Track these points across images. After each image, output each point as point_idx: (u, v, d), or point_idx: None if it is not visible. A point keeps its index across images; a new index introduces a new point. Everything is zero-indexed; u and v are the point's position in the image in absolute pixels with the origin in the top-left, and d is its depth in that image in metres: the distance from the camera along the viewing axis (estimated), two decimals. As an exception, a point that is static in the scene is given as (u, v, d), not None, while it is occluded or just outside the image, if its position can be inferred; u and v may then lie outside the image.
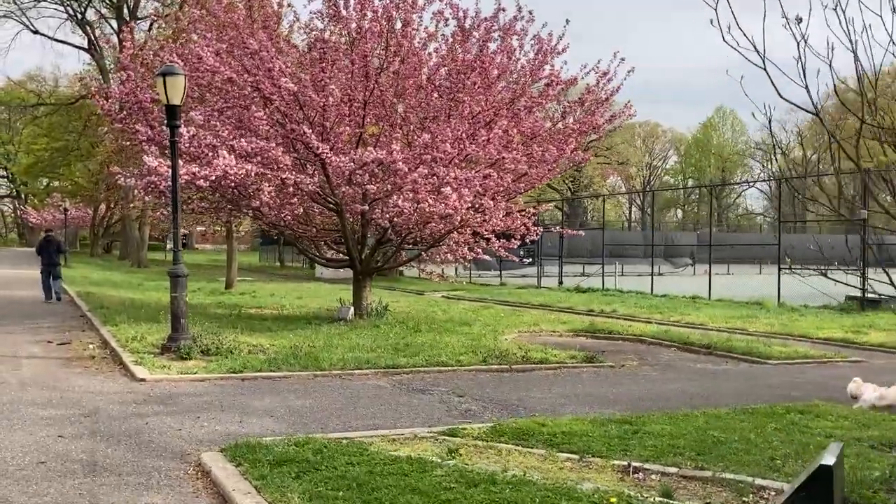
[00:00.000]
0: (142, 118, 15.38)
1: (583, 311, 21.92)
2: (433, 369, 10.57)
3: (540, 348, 12.48)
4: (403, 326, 15.88)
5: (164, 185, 14.34)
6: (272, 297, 24.84)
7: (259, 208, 15.54)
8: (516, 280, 36.36)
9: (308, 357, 10.77)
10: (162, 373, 9.61)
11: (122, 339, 12.40)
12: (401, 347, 12.34)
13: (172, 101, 11.05)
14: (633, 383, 10.18)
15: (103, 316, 16.04)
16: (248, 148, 13.87)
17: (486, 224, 15.36)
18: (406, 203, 13.22)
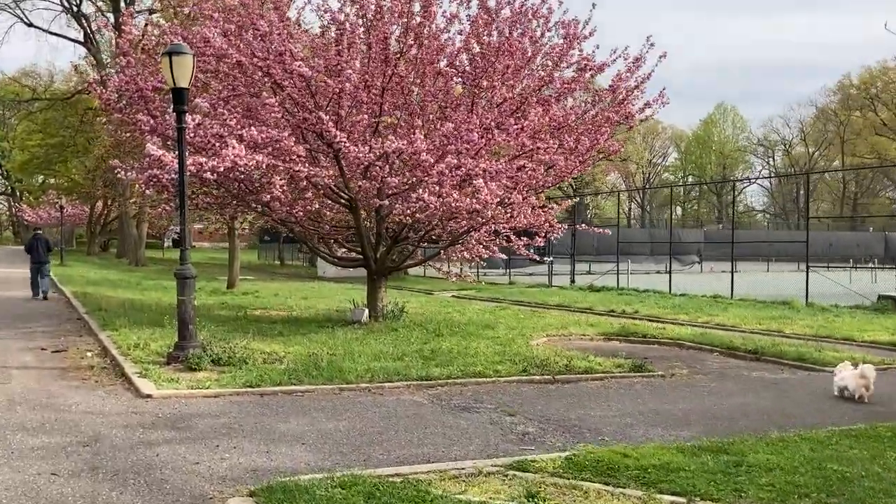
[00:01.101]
0: (143, 107, 14.29)
1: (603, 311, 20.90)
2: (470, 381, 9.51)
3: (579, 355, 11.42)
4: (423, 330, 14.85)
5: (168, 178, 13.26)
6: (276, 297, 23.80)
7: (269, 203, 14.47)
8: (524, 279, 35.33)
9: (331, 367, 9.70)
10: (170, 387, 8.53)
11: (124, 345, 11.33)
12: (428, 355, 11.30)
13: (179, 83, 9.97)
14: (695, 397, 9.13)
15: (102, 319, 14.96)
16: (259, 138, 12.79)
17: (512, 220, 14.31)
18: (432, 197, 12.15)
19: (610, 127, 14.75)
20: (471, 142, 12.48)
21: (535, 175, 12.57)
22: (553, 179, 14.13)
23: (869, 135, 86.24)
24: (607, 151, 15.64)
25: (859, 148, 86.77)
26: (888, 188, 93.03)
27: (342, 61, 13.14)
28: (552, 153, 12.63)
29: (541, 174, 12.82)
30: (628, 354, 12.58)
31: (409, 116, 14.71)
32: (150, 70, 15.36)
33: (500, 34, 13.97)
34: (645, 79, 15.46)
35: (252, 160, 12.38)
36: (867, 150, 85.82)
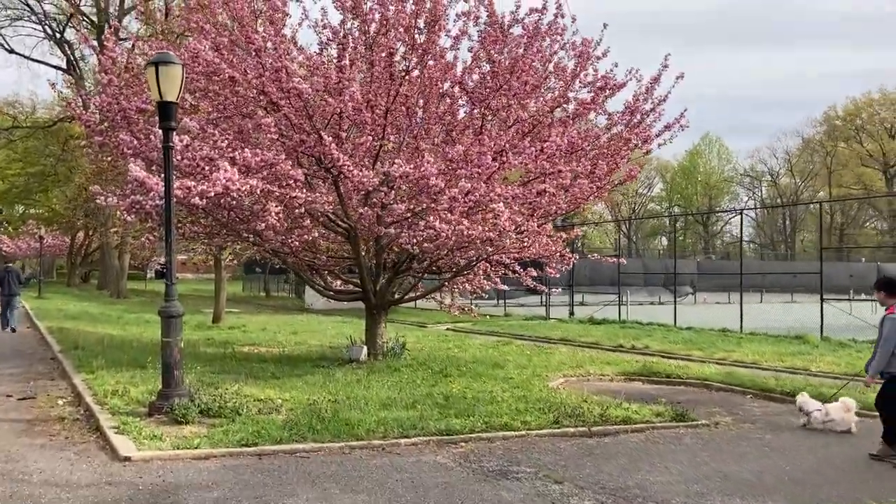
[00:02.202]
0: (125, 128, 13.16)
1: (611, 347, 19.78)
2: (497, 435, 8.33)
3: (610, 402, 10.26)
4: (427, 370, 13.68)
5: (151, 204, 12.06)
6: (264, 331, 22.55)
7: (262, 233, 13.31)
8: (518, 310, 34.20)
9: (336, 419, 8.48)
10: (153, 446, 7.28)
11: (100, 392, 10.06)
12: (441, 401, 10.11)
13: (167, 96, 8.85)
14: (758, 454, 7.99)
15: (77, 359, 13.67)
16: (253, 161, 11.68)
17: (525, 250, 13.23)
18: (443, 225, 11.03)
19: (628, 150, 13.75)
20: (483, 165, 11.42)
21: (556, 200, 11.51)
22: (567, 206, 13.06)
23: (855, 166, 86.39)
24: (624, 176, 14.63)
25: (846, 178, 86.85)
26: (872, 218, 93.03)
27: (344, 79, 12.09)
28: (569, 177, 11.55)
29: (561, 199, 11.75)
30: (655, 397, 11.49)
31: (414, 139, 13.66)
32: (135, 90, 14.25)
33: (511, 52, 13.00)
34: (661, 100, 14.51)
35: (245, 185, 11.24)
36: (853, 180, 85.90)
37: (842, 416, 9.26)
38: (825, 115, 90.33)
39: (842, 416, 9.26)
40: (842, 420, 9.25)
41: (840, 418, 9.26)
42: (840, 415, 9.28)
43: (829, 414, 9.32)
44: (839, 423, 9.24)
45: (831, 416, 9.29)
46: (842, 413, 9.29)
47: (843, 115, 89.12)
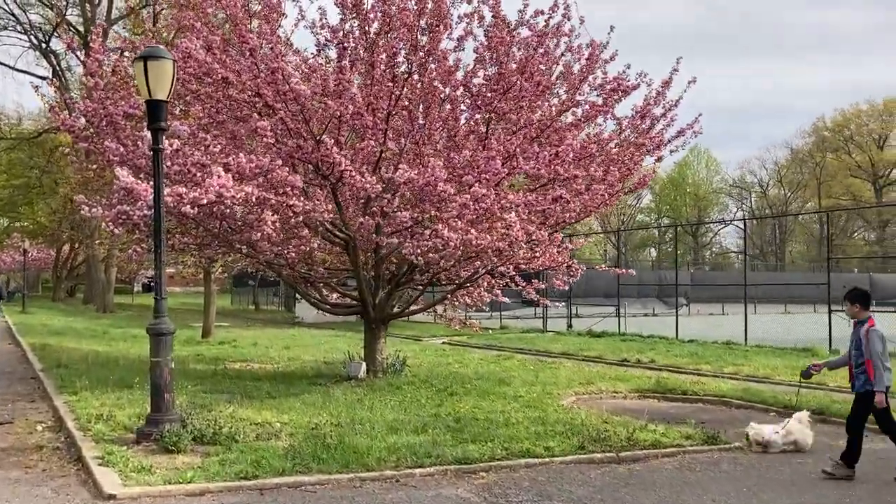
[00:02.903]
0: (112, 134, 12.43)
1: (615, 361, 19.12)
2: (519, 463, 7.61)
3: (634, 423, 9.55)
4: (431, 387, 12.96)
5: (139, 214, 11.32)
6: (255, 346, 21.77)
7: (257, 244, 12.60)
8: (512, 322, 33.48)
9: (342, 446, 7.74)
10: (141, 481, 6.52)
11: (83, 416, 9.28)
12: (452, 424, 9.40)
13: (157, 94, 8.14)
14: (807, 481, 7.33)
15: (60, 378, 12.86)
16: (248, 167, 10.97)
17: (535, 261, 12.56)
18: (452, 234, 10.34)
19: (641, 156, 13.14)
20: (492, 171, 10.76)
21: (572, 208, 10.85)
22: (578, 215, 12.41)
23: (844, 177, 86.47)
24: (636, 183, 14.01)
25: (835, 189, 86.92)
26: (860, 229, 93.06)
27: (344, 80, 11.41)
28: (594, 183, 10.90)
29: (578, 207, 11.08)
30: (673, 416, 10.84)
31: (416, 145, 12.99)
32: (122, 95, 13.53)
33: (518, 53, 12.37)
34: (673, 105, 13.92)
35: (240, 192, 10.53)
36: (842, 191, 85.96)
37: (803, 434, 8.74)
38: (814, 126, 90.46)
39: (803, 434, 8.74)
40: (803, 438, 8.71)
41: (802, 437, 8.72)
42: (803, 432, 8.75)
43: (789, 434, 8.70)
44: (801, 442, 8.69)
45: (793, 435, 8.69)
46: (803, 430, 8.77)
47: (831, 126, 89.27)
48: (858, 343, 7.69)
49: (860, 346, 7.66)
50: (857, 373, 7.72)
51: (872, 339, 7.56)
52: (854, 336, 7.83)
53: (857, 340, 7.73)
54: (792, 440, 8.59)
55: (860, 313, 7.82)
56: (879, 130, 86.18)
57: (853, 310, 7.87)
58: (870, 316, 7.83)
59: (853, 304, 7.88)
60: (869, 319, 7.78)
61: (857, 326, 7.83)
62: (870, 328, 7.64)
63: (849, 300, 7.95)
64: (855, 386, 7.82)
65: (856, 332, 7.80)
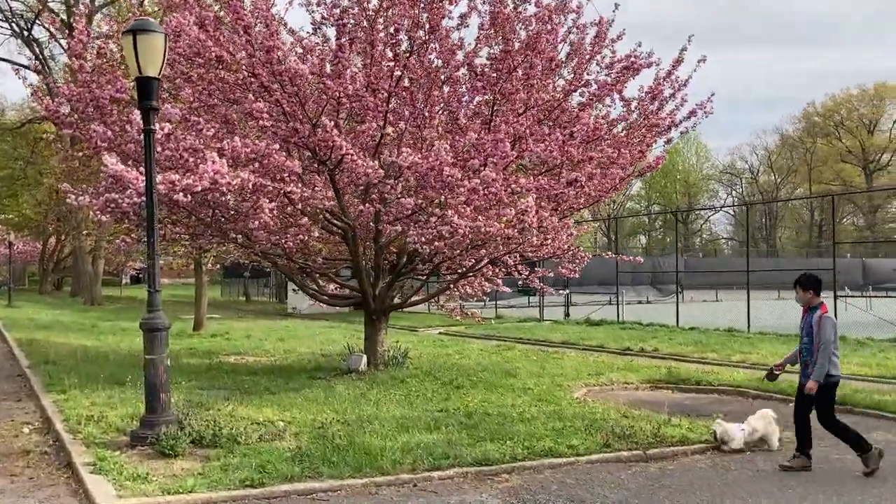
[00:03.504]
0: (98, 119, 11.81)
1: (618, 350, 18.67)
2: (543, 464, 7.12)
3: (655, 417, 9.07)
4: (435, 380, 12.47)
5: (128, 202, 10.73)
6: (249, 339, 21.21)
7: (253, 232, 12.03)
8: (507, 311, 33.02)
9: (353, 447, 7.21)
10: (137, 491, 5.96)
11: (73, 417, 8.72)
12: (464, 419, 8.90)
13: (147, 70, 7.55)
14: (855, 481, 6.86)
15: (48, 376, 12.28)
16: (243, 152, 10.39)
17: (543, 248, 12.04)
18: (461, 220, 9.81)
19: (652, 137, 12.62)
20: (500, 154, 10.22)
21: (587, 192, 10.32)
22: (589, 199, 11.89)
23: (834, 162, 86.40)
24: (645, 166, 13.49)
25: (825, 175, 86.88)
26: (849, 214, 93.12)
27: (343, 59, 10.84)
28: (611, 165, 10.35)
29: (594, 190, 10.55)
30: (689, 408, 10.39)
31: (417, 128, 12.44)
32: (108, 78, 12.89)
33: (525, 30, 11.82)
34: (682, 85, 13.41)
35: (236, 179, 9.96)
36: (832, 176, 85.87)
37: (768, 431, 8.19)
38: (804, 111, 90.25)
39: (768, 431, 8.19)
40: (770, 435, 8.17)
41: (768, 434, 8.18)
42: (767, 428, 8.21)
43: (755, 431, 8.13)
44: (768, 439, 8.15)
45: (759, 431, 8.13)
46: (768, 426, 8.22)
47: (822, 112, 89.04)
48: (810, 330, 7.28)
49: (811, 334, 7.26)
50: (814, 361, 7.31)
51: (825, 327, 7.17)
52: (805, 323, 7.42)
53: (808, 328, 7.33)
54: (758, 437, 8.09)
55: (813, 299, 7.40)
56: (870, 115, 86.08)
57: (805, 296, 7.44)
58: (822, 302, 7.43)
59: (805, 289, 7.44)
60: (822, 306, 7.38)
61: (808, 313, 7.41)
62: (823, 315, 7.25)
63: (801, 286, 7.49)
64: (804, 376, 7.44)
65: (807, 319, 7.38)
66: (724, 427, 8.14)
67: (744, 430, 8.10)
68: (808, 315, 7.38)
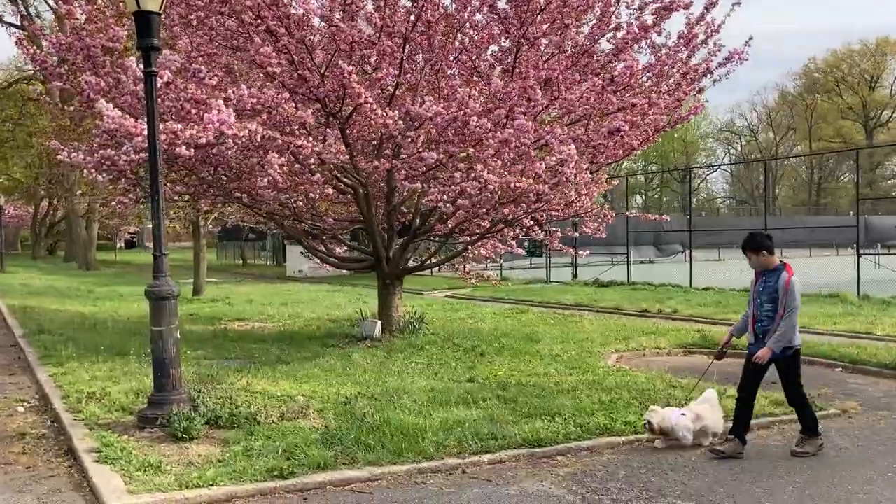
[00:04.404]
0: (90, 70, 10.86)
1: (634, 311, 17.99)
2: (601, 443, 6.38)
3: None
4: (455, 347, 11.75)
5: (126, 159, 9.84)
6: (251, 304, 20.45)
7: (259, 191, 11.18)
8: (512, 274, 32.32)
9: (387, 427, 6.43)
10: (150, 485, 5.17)
11: (72, 394, 7.94)
12: (499, 392, 8.14)
13: (146, 4, 6.64)
14: None
15: (43, 346, 11.49)
16: (250, 101, 9.50)
17: (571, 206, 11.22)
18: (491, 176, 8.96)
19: (687, 86, 11.72)
20: (534, 101, 9.33)
21: (628, 142, 9.47)
22: (625, 151, 11.01)
23: (834, 119, 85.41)
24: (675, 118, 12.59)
25: (826, 132, 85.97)
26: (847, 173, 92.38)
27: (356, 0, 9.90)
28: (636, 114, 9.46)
29: (636, 140, 9.69)
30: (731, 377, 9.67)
31: (434, 77, 11.53)
32: (99, 27, 11.90)
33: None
34: (714, 31, 12.47)
35: (243, 130, 9.07)
36: (833, 133, 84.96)
37: (713, 418, 6.72)
38: (805, 67, 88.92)
39: (713, 418, 6.72)
40: (714, 423, 6.70)
41: (713, 421, 6.69)
42: (711, 415, 6.73)
43: (699, 418, 6.63)
44: (712, 427, 6.66)
45: (703, 419, 6.63)
46: (713, 412, 6.77)
47: (823, 68, 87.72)
48: (773, 295, 6.32)
49: (775, 300, 6.31)
50: (772, 330, 6.38)
51: (796, 291, 6.29)
52: (764, 287, 6.43)
53: (770, 292, 6.35)
54: (701, 426, 6.60)
55: (769, 260, 6.46)
56: (872, 71, 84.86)
57: (760, 259, 6.47)
58: (784, 262, 6.48)
59: (758, 251, 6.46)
60: (786, 266, 6.43)
61: (765, 276, 6.46)
62: (792, 278, 6.31)
63: (751, 249, 6.49)
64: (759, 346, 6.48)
65: (766, 282, 6.42)
66: (661, 415, 6.54)
67: (685, 415, 6.58)
68: (765, 278, 6.45)
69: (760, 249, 6.43)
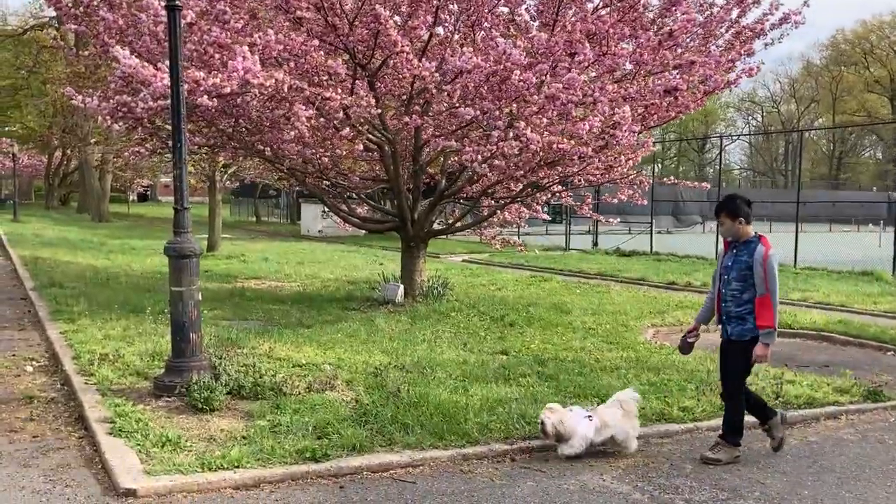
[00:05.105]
0: (106, 7, 10.21)
1: (661, 283, 17.36)
2: (658, 431, 5.81)
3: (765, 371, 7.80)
4: (481, 315, 11.23)
5: (143, 106, 9.24)
6: (266, 262, 19.99)
7: (284, 146, 10.57)
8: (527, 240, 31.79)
9: (424, 405, 5.89)
10: (169, 465, 4.65)
11: (84, 354, 7.44)
12: (537, 367, 7.61)
13: (171, -70, 6.00)
14: None
15: (54, 300, 11.01)
16: (277, 49, 8.86)
17: (614, 170, 10.57)
18: (535, 135, 8.32)
19: (741, 46, 10.94)
20: (577, 56, 8.64)
21: (683, 103, 8.78)
22: (678, 112, 10.26)
23: (859, 92, 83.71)
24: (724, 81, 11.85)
25: (849, 105, 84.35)
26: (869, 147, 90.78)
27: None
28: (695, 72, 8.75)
29: (690, 101, 8.99)
30: (792, 358, 9.13)
31: (470, 29, 10.83)
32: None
33: None
34: (768, -13, 11.67)
35: (270, 79, 8.46)
36: (857, 107, 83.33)
37: (623, 428, 5.44)
38: (832, 38, 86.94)
39: (623, 428, 5.44)
40: (623, 433, 5.43)
41: (621, 431, 5.43)
42: (625, 424, 5.47)
43: (605, 426, 5.40)
44: (620, 438, 5.42)
45: (610, 427, 5.41)
46: (623, 419, 5.48)
47: (851, 39, 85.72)
48: (745, 273, 5.31)
49: (746, 278, 5.31)
50: (741, 312, 5.35)
51: (773, 269, 5.25)
52: (734, 262, 5.40)
53: (741, 269, 5.34)
54: (609, 436, 5.40)
55: (745, 230, 5.40)
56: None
57: (735, 226, 5.38)
58: (759, 233, 5.44)
59: (734, 216, 5.36)
60: (761, 238, 5.40)
61: (736, 249, 5.44)
62: (770, 252, 5.29)
63: (727, 212, 5.39)
64: (730, 331, 5.46)
65: (737, 256, 5.39)
66: (560, 415, 5.32)
67: (590, 418, 5.39)
68: (736, 252, 5.43)
69: (738, 215, 5.34)
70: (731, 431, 5.41)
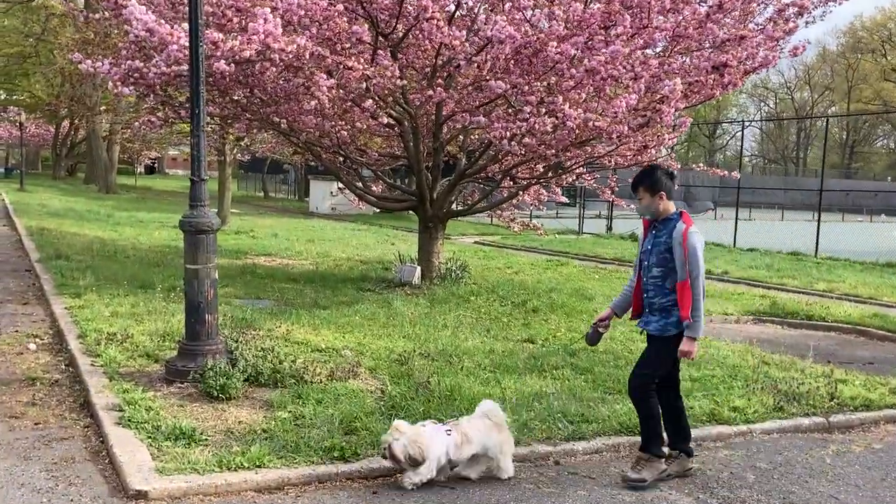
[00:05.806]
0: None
1: (681, 270, 16.82)
2: (710, 433, 5.34)
3: (811, 367, 7.33)
4: (502, 300, 10.79)
5: (156, 72, 8.77)
6: (276, 238, 19.60)
7: (302, 118, 10.08)
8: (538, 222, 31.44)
9: (458, 397, 5.46)
10: (183, 462, 4.21)
11: (90, 332, 7.00)
12: (572, 360, 7.16)
13: None
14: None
15: (60, 274, 10.58)
16: (298, 13, 8.35)
17: (646, 151, 10.07)
18: (573, 111, 7.82)
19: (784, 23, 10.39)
20: (622, 28, 8.10)
21: (730, 80, 8.26)
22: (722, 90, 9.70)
23: (876, 80, 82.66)
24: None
25: (865, 93, 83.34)
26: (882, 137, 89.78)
27: None
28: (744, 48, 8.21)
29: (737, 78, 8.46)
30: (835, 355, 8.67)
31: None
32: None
33: None
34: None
35: (291, 45, 7.96)
36: (872, 95, 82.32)
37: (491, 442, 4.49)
38: (850, 25, 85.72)
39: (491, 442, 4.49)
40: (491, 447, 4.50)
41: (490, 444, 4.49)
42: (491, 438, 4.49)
43: (467, 442, 4.44)
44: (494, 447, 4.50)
45: (473, 444, 4.45)
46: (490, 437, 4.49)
47: (869, 26, 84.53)
48: (665, 256, 4.58)
49: (667, 262, 4.57)
50: (665, 304, 4.63)
51: (695, 248, 4.50)
52: (653, 244, 4.67)
53: (660, 251, 4.61)
54: (473, 452, 4.47)
55: (665, 206, 4.64)
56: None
57: (656, 202, 4.61)
58: (681, 210, 4.69)
59: (655, 192, 4.59)
60: (682, 215, 4.64)
61: (655, 230, 4.70)
62: (690, 230, 4.53)
63: (647, 186, 4.62)
64: (652, 323, 4.73)
65: (656, 237, 4.66)
66: (411, 435, 4.30)
67: (450, 433, 4.43)
68: (655, 232, 4.69)
69: (658, 190, 4.58)
70: (651, 438, 4.63)
